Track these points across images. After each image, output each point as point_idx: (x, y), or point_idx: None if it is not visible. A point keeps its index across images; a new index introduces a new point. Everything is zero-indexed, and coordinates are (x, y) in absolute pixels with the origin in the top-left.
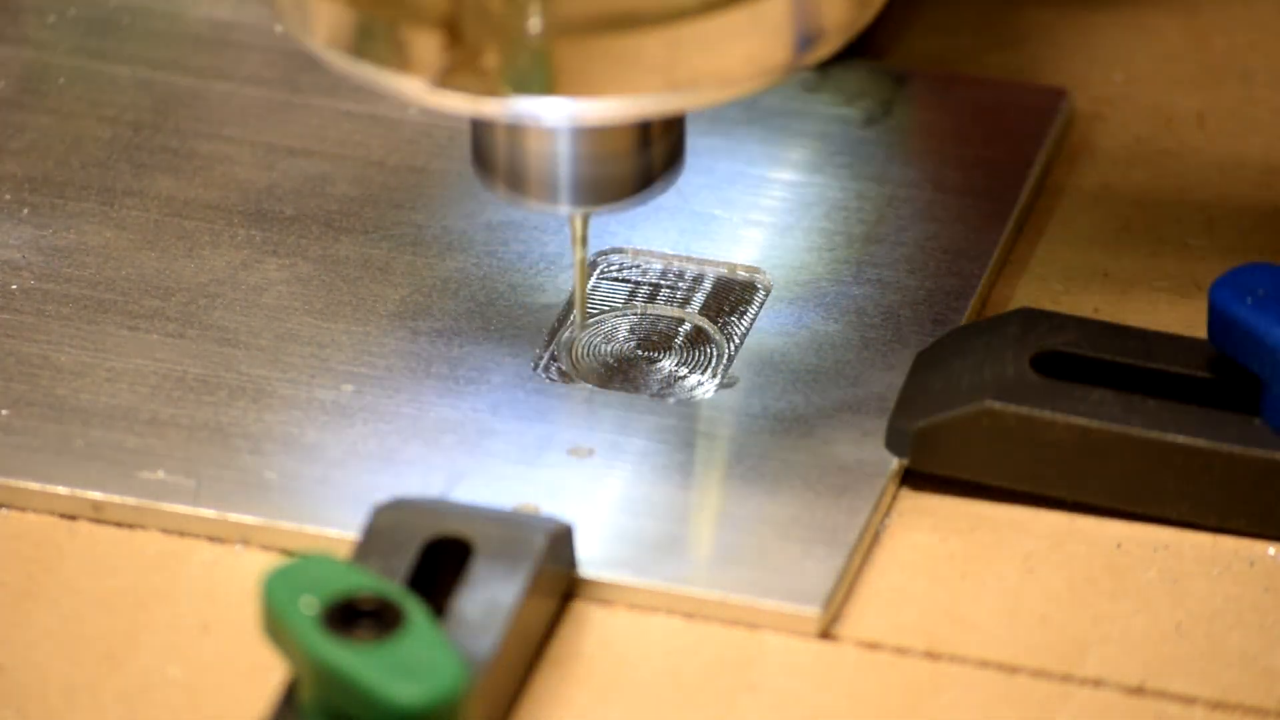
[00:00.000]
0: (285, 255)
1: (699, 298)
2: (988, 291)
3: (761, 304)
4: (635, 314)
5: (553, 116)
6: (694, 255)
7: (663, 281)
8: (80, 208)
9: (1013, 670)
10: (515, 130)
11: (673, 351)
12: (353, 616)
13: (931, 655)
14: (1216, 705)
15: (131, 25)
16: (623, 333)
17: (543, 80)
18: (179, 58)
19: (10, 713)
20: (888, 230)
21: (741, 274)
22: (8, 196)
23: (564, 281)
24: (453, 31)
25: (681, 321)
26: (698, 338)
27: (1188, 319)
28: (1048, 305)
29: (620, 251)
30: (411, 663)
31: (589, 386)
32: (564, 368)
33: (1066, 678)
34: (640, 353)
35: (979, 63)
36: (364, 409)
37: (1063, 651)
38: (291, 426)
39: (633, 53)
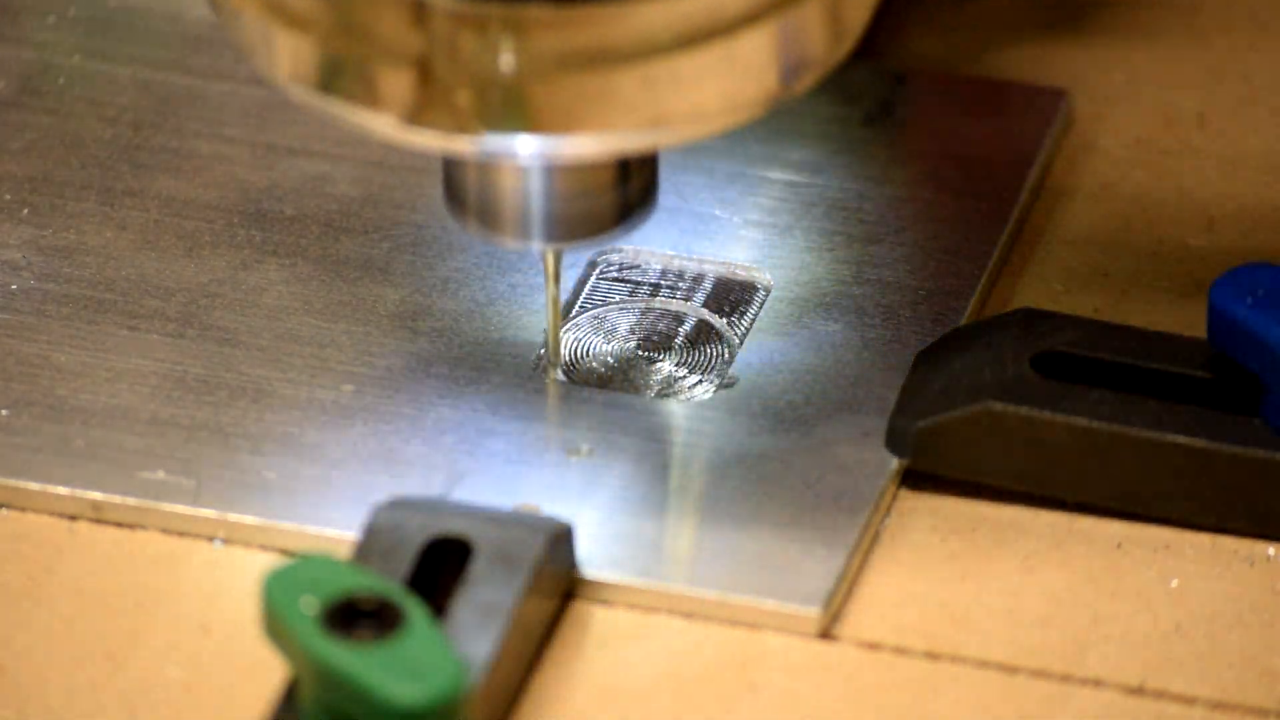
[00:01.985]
0: (285, 255)
1: (699, 298)
2: (988, 291)
3: (761, 304)
4: (640, 308)
5: (526, 154)
6: (694, 255)
7: (663, 281)
8: (80, 208)
9: (1013, 670)
10: (486, 167)
11: (673, 351)
12: (353, 616)
13: (931, 655)
14: (1216, 705)
15: (131, 25)
16: (622, 332)
17: (515, 118)
18: (179, 58)
19: (10, 713)
20: (888, 230)
21: (741, 274)
22: (8, 196)
23: (565, 282)
24: (424, 69)
25: (682, 321)
26: (699, 337)
27: (1188, 319)
28: (1048, 305)
29: (620, 251)
30: (411, 663)
31: (589, 386)
32: (560, 366)
33: (1066, 678)
34: (640, 353)
35: (979, 63)
36: (364, 409)
37: (1063, 651)
38: (291, 426)
39: (606, 90)
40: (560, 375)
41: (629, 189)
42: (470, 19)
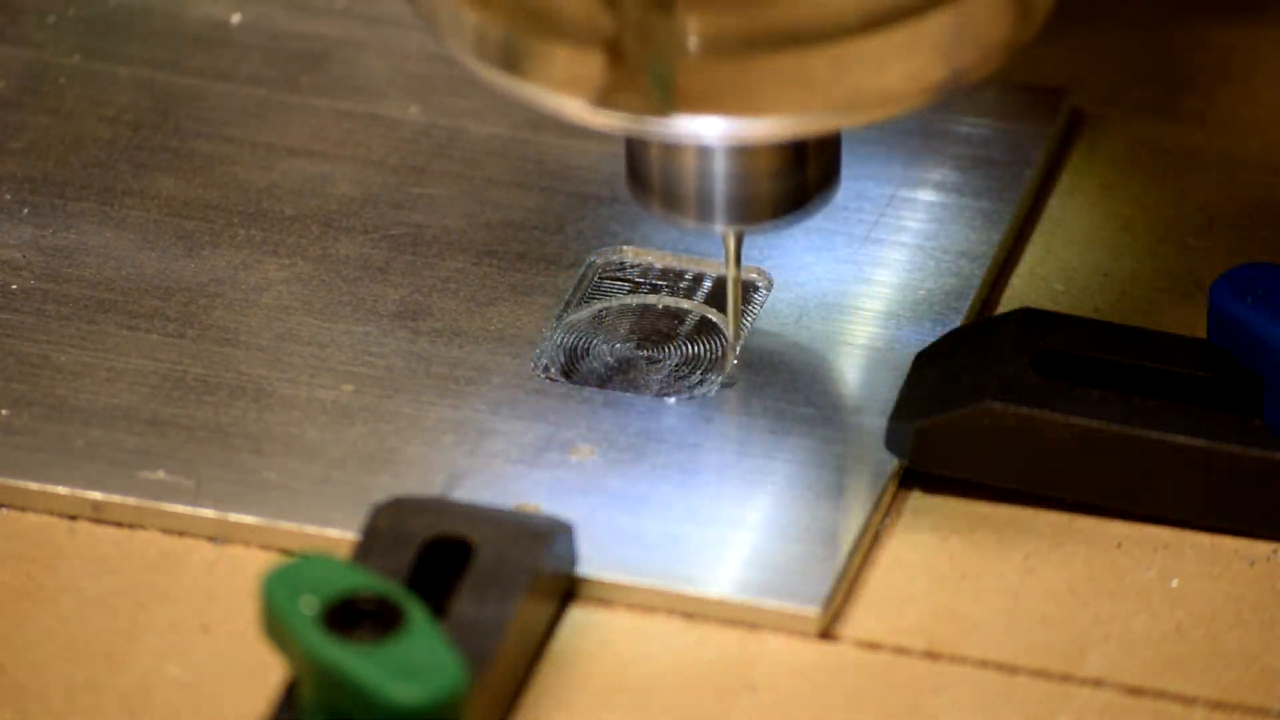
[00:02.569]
0: (285, 255)
1: (699, 298)
2: (988, 291)
3: (761, 304)
4: (641, 308)
5: (713, 135)
6: (694, 255)
7: (663, 281)
8: (80, 208)
9: (1013, 670)
10: (671, 148)
11: (673, 351)
12: (353, 616)
13: (931, 655)
14: (1216, 705)
15: (131, 25)
16: (622, 332)
17: (704, 99)
18: (179, 58)
19: (10, 713)
20: (888, 230)
21: (741, 274)
22: (8, 196)
23: (563, 281)
24: (614, 51)
25: (682, 320)
26: (699, 337)
27: (1188, 319)
28: (1048, 305)
29: (620, 251)
30: (411, 663)
31: (589, 386)
32: (564, 367)
33: (1066, 678)
34: (640, 353)
35: None
36: (364, 409)
37: (1063, 651)
38: (291, 426)
39: (794, 71)
40: (735, 358)
41: (810, 171)
42: (660, 0)
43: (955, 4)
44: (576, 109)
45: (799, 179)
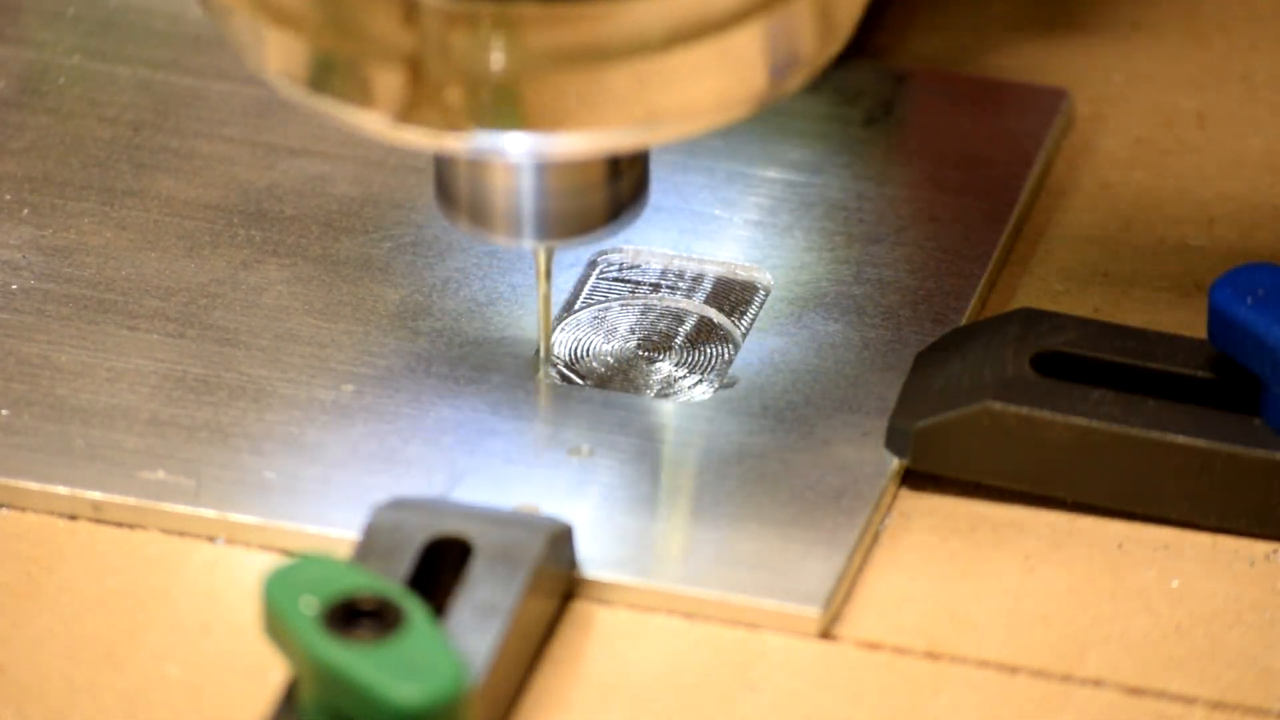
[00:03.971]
0: (285, 255)
1: (699, 298)
2: (988, 291)
3: (761, 304)
4: (641, 308)
5: (517, 152)
6: (694, 255)
7: (663, 281)
8: (80, 208)
9: (1013, 670)
10: (478, 165)
11: (673, 351)
12: (353, 616)
13: (931, 655)
14: (1216, 705)
15: (131, 25)
16: (622, 332)
17: (506, 115)
18: (179, 58)
19: (10, 713)
20: (888, 230)
21: (741, 274)
22: (8, 196)
23: (565, 281)
24: (415, 67)
25: (682, 321)
26: (699, 337)
27: (1188, 319)
28: (1048, 305)
29: (620, 251)
30: (411, 663)
31: (589, 386)
32: (563, 367)
33: (1066, 678)
34: (640, 353)
35: (979, 63)
36: (364, 409)
37: (1063, 651)
38: (291, 426)
39: (598, 87)
40: (553, 374)
41: (620, 187)
42: (461, 17)
43: (760, 20)
44: (378, 125)
45: (610, 193)
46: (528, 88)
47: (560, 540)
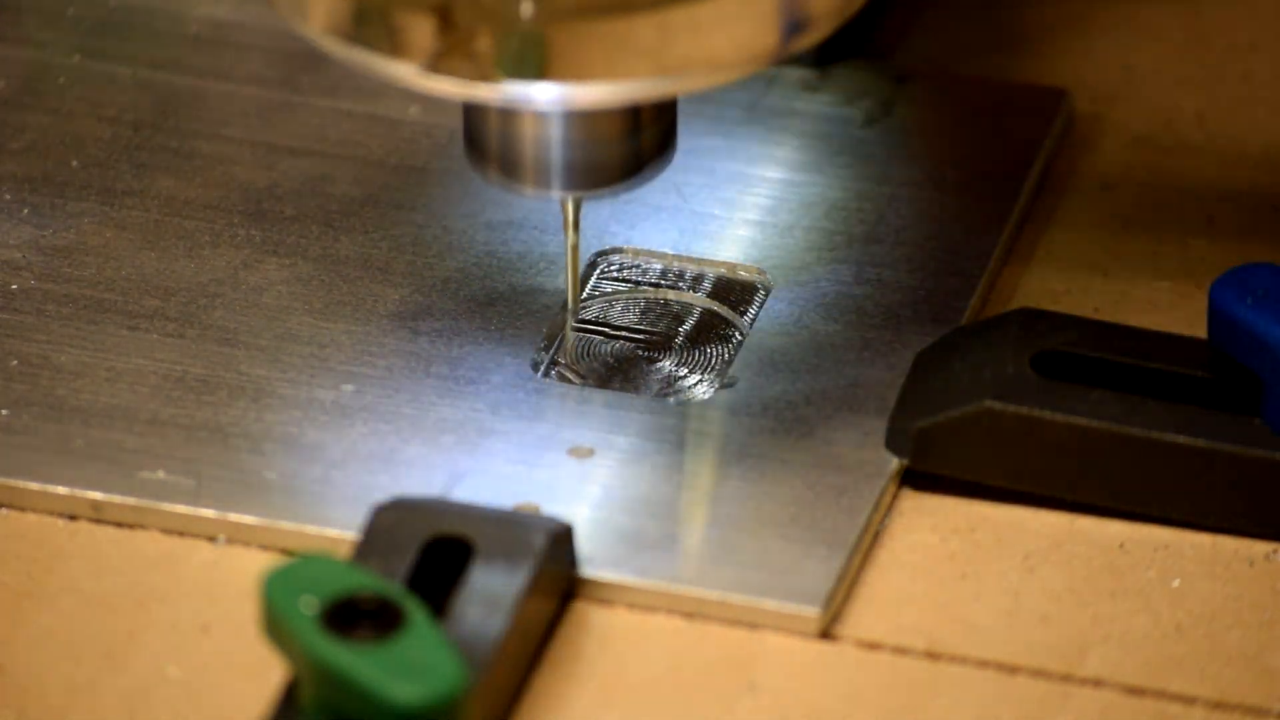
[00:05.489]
0: (285, 255)
1: (699, 297)
2: (988, 291)
3: (761, 304)
4: (641, 307)
5: (544, 100)
6: (694, 255)
7: (663, 281)
8: (80, 208)
9: (1013, 670)
10: (507, 115)
11: (673, 351)
12: (353, 616)
13: (931, 655)
14: (1216, 705)
15: (131, 25)
16: (623, 331)
17: (534, 64)
18: (179, 58)
19: (10, 713)
20: (888, 230)
21: (741, 274)
22: (8, 196)
23: (563, 282)
24: (445, 16)
25: (682, 321)
26: (699, 337)
27: (1188, 319)
28: (1048, 305)
29: (620, 251)
30: (411, 663)
31: (589, 386)
32: (563, 364)
33: (1066, 678)
34: (640, 353)
35: (979, 63)
36: (364, 409)
37: (1063, 651)
38: (291, 426)
39: (623, 37)
40: (574, 325)
41: (646, 138)
42: None
43: None
44: (408, 74)
45: (636, 145)
46: (555, 36)
47: (560, 540)
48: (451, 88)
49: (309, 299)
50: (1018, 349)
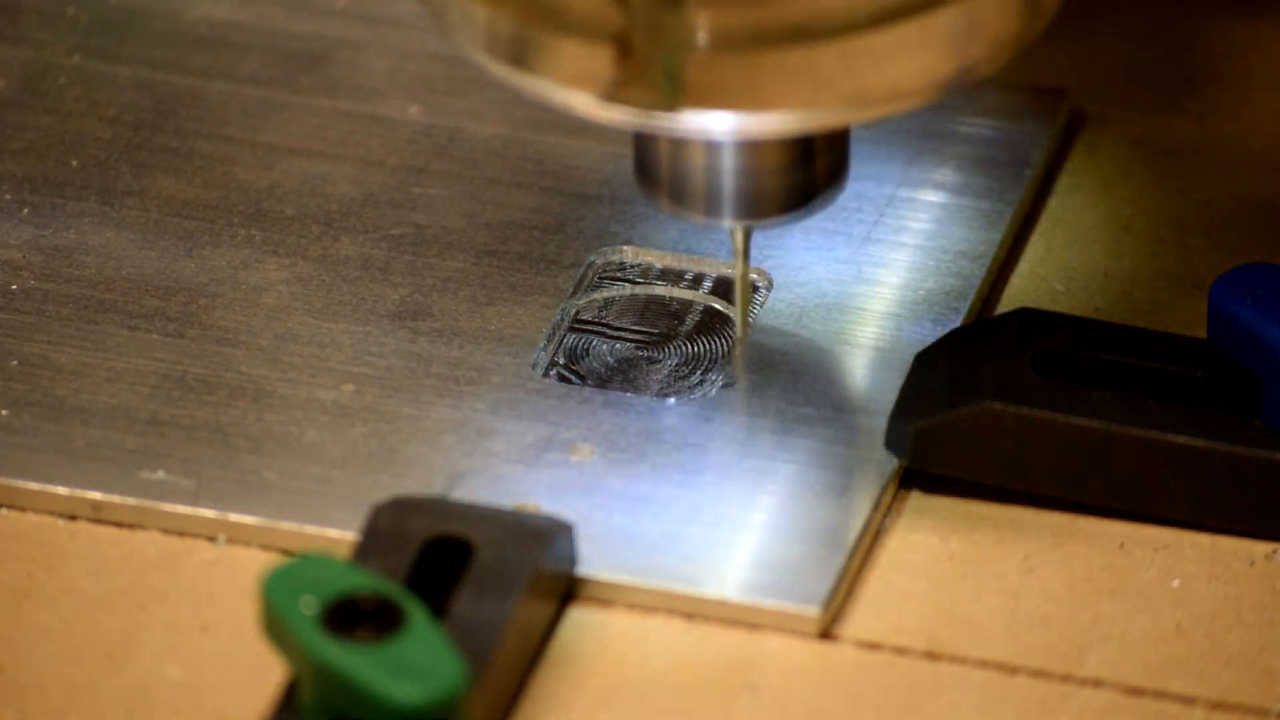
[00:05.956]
0: (285, 255)
1: (699, 295)
2: (988, 291)
3: (761, 304)
4: (641, 307)
5: (721, 131)
6: (694, 255)
7: (663, 281)
8: (80, 208)
9: (1013, 670)
10: (678, 143)
11: (673, 351)
12: (353, 616)
13: (931, 655)
14: (1216, 705)
15: (131, 25)
16: (623, 330)
17: (713, 94)
18: (179, 58)
19: (10, 713)
20: (888, 230)
21: None
22: (8, 196)
23: (564, 282)
24: (623, 46)
25: (682, 321)
26: (699, 337)
27: (1188, 319)
28: (1048, 305)
29: (620, 251)
30: (411, 663)
31: (589, 386)
32: (564, 365)
33: (1066, 678)
34: (640, 353)
35: None
36: (364, 409)
37: (1063, 651)
38: (291, 426)
39: (803, 66)
40: (743, 350)
41: (818, 166)
42: None
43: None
44: (585, 104)
45: (808, 174)
46: (734, 67)
47: (560, 540)
48: (628, 117)
49: (309, 299)
50: (1018, 349)
